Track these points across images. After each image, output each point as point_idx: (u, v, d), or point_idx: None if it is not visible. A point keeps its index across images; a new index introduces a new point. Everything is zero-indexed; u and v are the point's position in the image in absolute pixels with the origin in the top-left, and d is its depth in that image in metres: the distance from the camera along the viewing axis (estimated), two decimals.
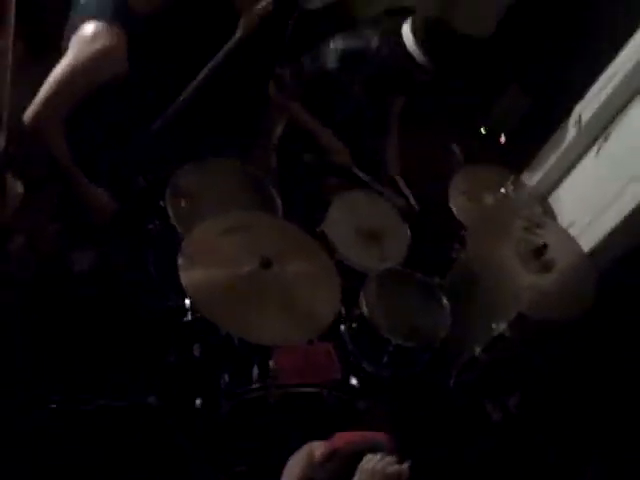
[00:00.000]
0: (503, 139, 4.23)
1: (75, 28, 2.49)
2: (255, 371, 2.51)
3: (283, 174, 3.36)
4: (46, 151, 2.54)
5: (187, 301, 2.63)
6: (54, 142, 2.53)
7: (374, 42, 3.02)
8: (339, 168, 3.29)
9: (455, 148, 3.81)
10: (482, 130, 4.32)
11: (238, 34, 2.75)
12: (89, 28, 2.45)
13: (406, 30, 2.93)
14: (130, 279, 2.84)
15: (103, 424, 2.58)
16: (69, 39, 2.50)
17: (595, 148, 3.13)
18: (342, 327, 2.80)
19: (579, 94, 3.19)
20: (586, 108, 3.15)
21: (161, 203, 2.74)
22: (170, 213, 2.71)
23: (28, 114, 2.45)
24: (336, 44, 3.06)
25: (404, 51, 2.92)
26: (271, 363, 2.51)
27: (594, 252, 2.93)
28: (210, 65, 2.75)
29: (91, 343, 2.65)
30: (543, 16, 4.00)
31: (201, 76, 2.76)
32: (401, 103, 3.51)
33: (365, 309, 2.73)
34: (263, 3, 2.79)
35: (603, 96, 3.05)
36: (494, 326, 2.92)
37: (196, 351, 2.61)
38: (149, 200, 2.83)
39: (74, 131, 2.56)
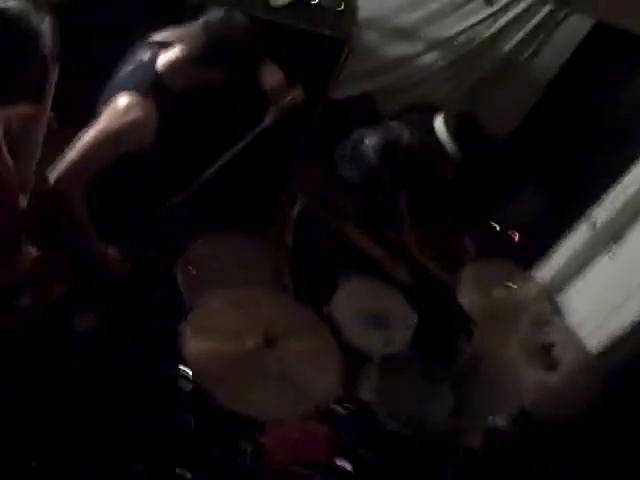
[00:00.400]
0: (517, 237, 4.24)
1: (109, 99, 2.57)
2: (248, 447, 2.48)
3: (298, 253, 3.39)
4: (65, 214, 2.59)
5: (188, 371, 2.61)
6: (76, 205, 2.58)
7: (405, 134, 3.10)
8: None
9: (467, 241, 3.83)
10: (496, 226, 4.33)
11: (266, 122, 2.82)
12: (123, 99, 2.53)
13: (439, 122, 3.02)
14: (131, 344, 2.83)
15: None
16: (101, 109, 2.59)
17: (609, 252, 3.14)
18: (340, 409, 2.76)
19: (594, 196, 3.22)
20: (602, 211, 3.18)
21: (173, 272, 2.77)
22: (180, 281, 2.73)
23: (54, 176, 2.51)
24: (370, 140, 3.12)
25: (436, 142, 3.00)
26: (265, 440, 2.48)
27: (602, 354, 2.91)
28: (235, 148, 2.80)
29: (82, 404, 2.62)
30: (566, 116, 4.07)
31: (225, 157, 2.81)
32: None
33: (366, 393, 2.70)
34: (295, 93, 2.87)
35: (620, 201, 3.09)
36: (494, 419, 2.88)
37: (191, 423, 2.58)
38: (159, 268, 2.85)
39: (93, 196, 2.61)
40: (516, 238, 4.18)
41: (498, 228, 4.16)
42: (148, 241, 2.92)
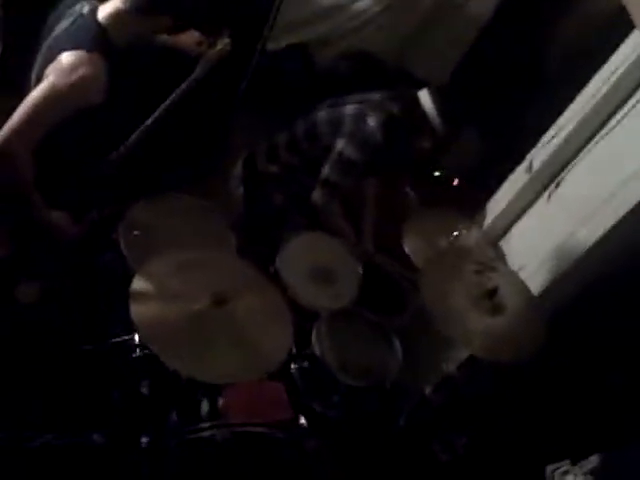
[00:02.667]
0: (457, 182, 4.27)
1: (50, 60, 2.48)
2: (204, 409, 2.48)
3: (247, 210, 3.36)
4: (11, 176, 2.51)
5: (136, 337, 2.59)
6: (22, 167, 2.50)
7: (395, 107, 3.10)
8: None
9: (409, 191, 3.85)
10: (436, 173, 4.36)
11: (196, 73, 2.77)
12: (69, 57, 2.45)
13: (424, 95, 3.05)
14: (78, 313, 2.79)
15: (46, 462, 2.50)
16: (42, 69, 2.49)
17: (546, 194, 3.19)
18: (293, 366, 2.78)
19: (533, 141, 3.25)
20: (538, 155, 3.21)
21: (114, 236, 2.71)
22: (122, 246, 2.68)
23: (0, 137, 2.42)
24: (372, 120, 3.06)
25: (422, 116, 3.03)
26: (220, 401, 2.48)
27: (543, 295, 2.97)
28: (167, 102, 2.75)
29: (35, 378, 2.58)
30: (500, 63, 4.08)
31: (158, 112, 2.76)
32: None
33: (316, 348, 2.72)
34: (220, 45, 2.81)
35: (555, 144, 3.12)
36: (444, 367, 2.94)
37: (144, 388, 2.56)
38: (102, 233, 2.80)
39: (38, 157, 2.54)
40: (456, 183, 4.22)
41: (439, 174, 4.19)
42: (89, 204, 2.86)
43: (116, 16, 2.55)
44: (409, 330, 3.01)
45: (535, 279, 3.01)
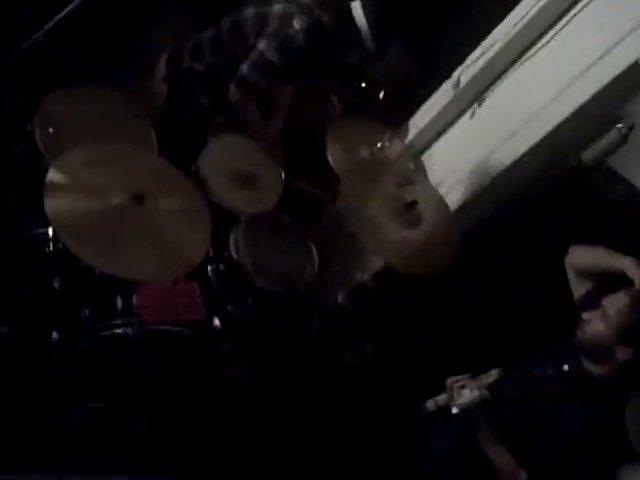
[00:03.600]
0: (382, 94, 4.26)
1: None
2: (117, 306, 2.47)
3: (171, 108, 3.27)
4: None
5: (50, 230, 2.52)
6: None
7: (325, 15, 3.00)
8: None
9: (334, 99, 3.81)
10: (362, 84, 4.33)
11: None
12: None
13: (357, 6, 2.96)
14: None
15: None
16: None
17: (470, 112, 3.21)
18: (209, 268, 2.78)
19: (460, 58, 3.24)
20: (465, 73, 3.22)
21: (28, 127, 2.60)
22: (37, 138, 2.58)
23: None
24: (298, 22, 2.96)
25: (352, 27, 2.95)
26: (134, 299, 2.47)
27: (459, 211, 3.03)
28: None
29: None
30: None
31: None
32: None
33: (233, 251, 2.72)
34: None
35: (481, 63, 3.13)
36: (359, 275, 2.99)
37: (56, 283, 2.52)
38: (15, 123, 2.68)
39: None
40: (381, 96, 4.20)
41: (364, 86, 4.16)
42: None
43: None
44: (327, 239, 3.04)
45: (453, 195, 3.06)
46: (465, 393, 2.44)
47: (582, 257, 2.59)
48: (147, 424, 2.58)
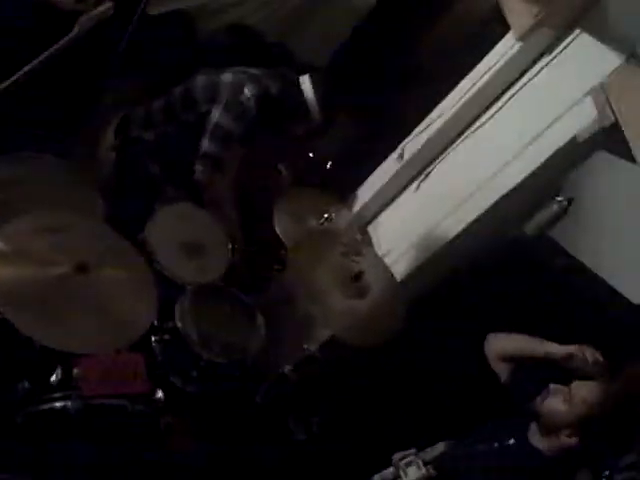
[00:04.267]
0: (329, 164, 4.31)
1: None
2: (57, 379, 2.40)
3: (118, 177, 3.26)
4: None
5: None
6: None
7: (274, 85, 3.10)
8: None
9: (282, 168, 3.85)
10: (310, 154, 4.38)
11: (74, 32, 2.65)
12: None
13: (306, 80, 3.10)
14: None
15: None
16: None
17: (415, 184, 3.27)
18: (154, 338, 2.74)
19: (407, 130, 3.32)
20: (410, 145, 3.29)
21: None
22: None
23: None
24: (250, 90, 3.04)
25: (300, 99, 3.08)
26: (75, 371, 2.41)
27: (405, 281, 3.06)
28: (41, 57, 2.62)
29: None
30: (379, 52, 4.14)
31: (29, 66, 2.62)
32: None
33: (179, 322, 2.69)
34: (102, 7, 2.70)
35: (426, 135, 3.20)
36: (305, 346, 2.97)
37: None
38: None
39: None
40: (328, 166, 4.25)
41: (312, 155, 4.21)
42: None
43: None
44: (274, 309, 3.02)
45: (399, 265, 3.09)
46: (411, 471, 2.42)
47: (507, 344, 2.65)
48: None
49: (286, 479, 3.04)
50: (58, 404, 2.37)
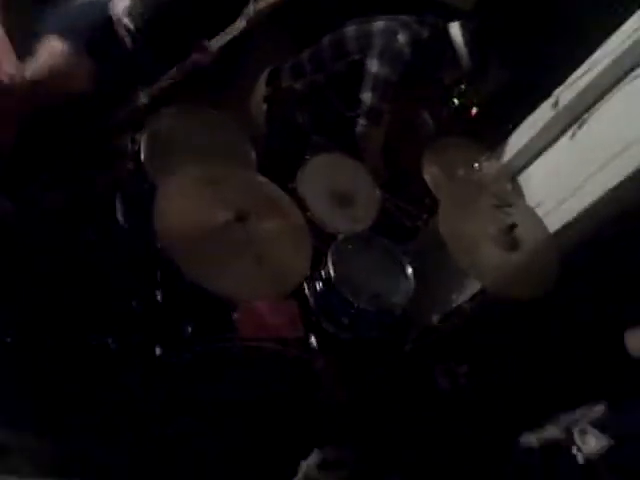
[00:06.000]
0: (474, 111, 4.22)
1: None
2: (218, 323, 2.51)
3: (270, 127, 3.32)
4: None
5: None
6: None
7: (424, 32, 3.08)
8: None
9: (427, 117, 3.80)
10: (455, 101, 4.29)
11: None
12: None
13: (455, 28, 3.06)
14: (98, 222, 2.78)
15: (58, 361, 2.54)
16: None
17: (570, 133, 3.15)
18: (307, 286, 2.80)
19: (560, 77, 3.19)
20: (565, 92, 3.16)
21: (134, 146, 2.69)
22: (143, 156, 2.66)
23: None
24: (402, 37, 3.03)
25: (450, 46, 3.06)
26: (235, 316, 2.51)
27: (558, 234, 2.97)
28: None
29: (55, 283, 2.59)
30: None
31: None
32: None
33: (331, 270, 2.74)
34: None
35: (584, 82, 3.07)
36: (454, 297, 2.96)
37: (159, 297, 2.58)
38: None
39: None
40: (474, 113, 4.16)
41: (457, 103, 4.13)
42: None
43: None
44: (423, 259, 3.02)
45: (552, 217, 3.00)
46: (590, 440, 2.32)
47: None
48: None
49: (426, 428, 3.07)
50: (219, 346, 2.48)
